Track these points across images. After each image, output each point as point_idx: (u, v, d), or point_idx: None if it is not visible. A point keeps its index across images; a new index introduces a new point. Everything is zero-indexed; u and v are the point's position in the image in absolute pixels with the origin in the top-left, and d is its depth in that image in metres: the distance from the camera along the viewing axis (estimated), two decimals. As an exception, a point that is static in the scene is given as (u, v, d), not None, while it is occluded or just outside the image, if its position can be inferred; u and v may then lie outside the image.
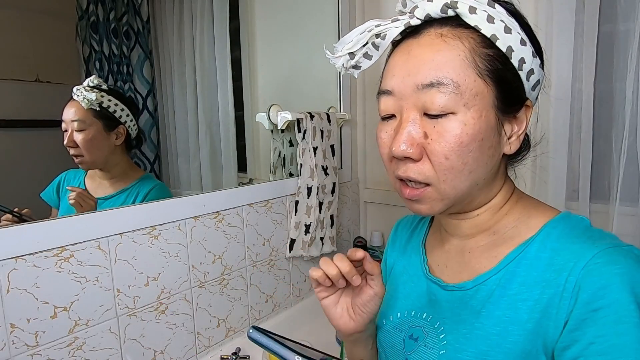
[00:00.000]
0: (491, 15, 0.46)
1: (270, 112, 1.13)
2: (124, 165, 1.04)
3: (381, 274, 0.54)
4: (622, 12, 0.89)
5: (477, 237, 0.55)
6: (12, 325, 0.64)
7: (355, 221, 1.46)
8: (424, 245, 0.65)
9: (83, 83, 0.96)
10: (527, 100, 0.50)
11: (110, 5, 1.10)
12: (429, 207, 0.50)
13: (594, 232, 0.48)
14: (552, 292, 0.44)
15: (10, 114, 0.97)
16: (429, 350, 0.53)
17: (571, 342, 0.42)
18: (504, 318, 0.47)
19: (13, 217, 0.80)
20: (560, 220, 0.50)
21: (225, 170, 1.37)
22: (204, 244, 0.92)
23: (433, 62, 0.46)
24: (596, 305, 0.41)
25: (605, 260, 0.42)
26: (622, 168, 0.89)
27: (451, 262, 0.57)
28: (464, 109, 0.46)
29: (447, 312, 0.53)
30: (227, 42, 1.33)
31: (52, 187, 0.97)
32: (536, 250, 0.48)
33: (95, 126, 0.96)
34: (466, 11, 0.46)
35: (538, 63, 0.49)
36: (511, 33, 0.46)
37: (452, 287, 0.54)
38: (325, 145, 1.16)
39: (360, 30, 0.51)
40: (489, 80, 0.46)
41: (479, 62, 0.46)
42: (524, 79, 0.48)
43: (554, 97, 0.96)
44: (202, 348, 0.94)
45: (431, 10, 0.48)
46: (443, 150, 0.46)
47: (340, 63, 0.53)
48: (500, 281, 0.49)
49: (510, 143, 0.51)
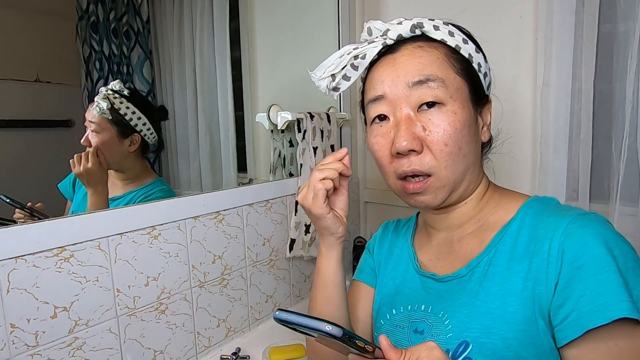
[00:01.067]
0: (451, 31, 0.57)
1: (270, 112, 1.13)
2: (137, 169, 1.05)
3: None
4: (622, 12, 0.89)
5: (464, 226, 0.61)
6: (12, 325, 0.64)
7: (355, 221, 1.46)
8: (412, 244, 0.69)
9: (108, 85, 0.97)
10: (487, 97, 0.60)
11: (110, 5, 1.10)
12: (432, 196, 0.56)
13: (564, 207, 0.56)
14: (539, 260, 0.50)
15: (10, 114, 0.97)
16: (436, 338, 0.55)
17: (564, 300, 0.47)
18: (501, 292, 0.52)
19: (25, 213, 0.80)
20: (533, 202, 0.58)
21: (225, 170, 1.37)
22: (204, 244, 0.92)
23: (419, 64, 0.54)
24: (579, 263, 0.47)
25: (578, 224, 0.50)
26: (622, 168, 0.89)
27: (442, 255, 0.62)
28: (451, 101, 0.54)
29: (447, 300, 0.57)
30: (227, 42, 1.33)
31: (69, 179, 0.98)
32: (517, 228, 0.55)
33: (109, 131, 0.97)
34: (431, 29, 0.56)
35: (488, 67, 0.61)
36: (468, 43, 0.57)
37: (447, 277, 0.58)
38: (325, 145, 1.16)
39: (340, 54, 0.58)
40: (464, 77, 0.56)
41: (454, 62, 0.56)
42: (482, 79, 0.58)
43: (554, 97, 0.96)
44: (202, 348, 0.94)
45: (402, 31, 0.57)
46: (442, 138, 0.53)
47: (325, 84, 0.60)
48: (491, 260, 0.55)
49: (483, 132, 0.60)
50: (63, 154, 0.94)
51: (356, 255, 1.35)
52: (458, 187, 0.57)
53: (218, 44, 1.33)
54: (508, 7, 1.05)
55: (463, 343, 0.52)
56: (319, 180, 0.61)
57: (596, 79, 0.93)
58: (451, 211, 0.61)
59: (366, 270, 0.75)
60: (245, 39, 1.45)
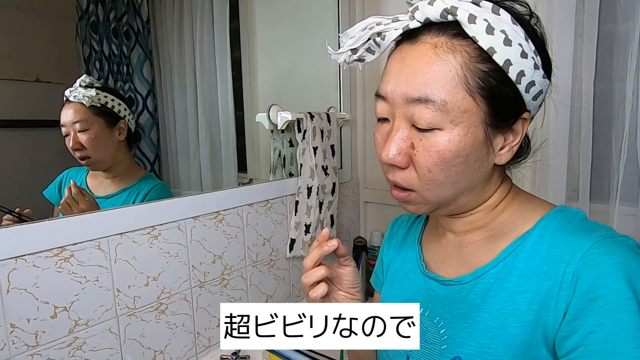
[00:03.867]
0: (491, 26, 0.44)
1: (270, 112, 1.13)
2: (127, 164, 1.04)
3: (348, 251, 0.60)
4: (622, 12, 0.89)
5: (473, 233, 0.56)
6: (12, 325, 0.64)
7: (355, 221, 1.46)
8: (419, 242, 0.65)
9: (75, 84, 0.95)
10: (524, 113, 0.49)
11: (110, 5, 1.10)
12: (415, 208, 0.53)
13: (590, 225, 0.49)
14: (550, 284, 0.45)
15: (10, 114, 0.97)
16: (430, 345, 0.53)
17: (571, 332, 0.42)
18: (503, 311, 0.48)
19: (13, 218, 0.80)
20: (556, 213, 0.51)
21: (225, 170, 1.37)
22: (204, 244, 0.92)
23: (424, 77, 0.46)
24: (594, 295, 0.41)
25: (601, 250, 0.43)
26: (622, 168, 0.89)
27: (448, 257, 0.58)
28: (450, 126, 0.46)
29: (445, 306, 0.54)
30: (227, 42, 1.33)
31: (54, 185, 0.97)
32: (533, 243, 0.49)
33: (97, 124, 0.96)
34: (465, 19, 0.45)
35: (541, 74, 0.48)
36: (511, 45, 0.45)
37: (449, 281, 0.55)
38: (325, 145, 1.16)
39: (362, 27, 0.51)
40: (479, 97, 0.46)
41: (470, 78, 0.45)
42: (522, 91, 0.47)
43: (554, 97, 0.96)
44: (202, 348, 0.94)
45: (431, 14, 0.46)
46: (426, 164, 0.48)
47: (342, 59, 0.54)
48: (498, 274, 0.50)
49: (500, 155, 0.50)
50: (63, 154, 0.94)
51: (356, 255, 1.35)
52: (448, 206, 0.53)
53: (218, 44, 1.33)
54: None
55: (456, 358, 0.50)
56: (308, 287, 0.57)
57: (596, 79, 0.94)
58: (456, 218, 0.57)
59: (377, 274, 0.74)
60: (245, 39, 1.45)
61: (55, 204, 0.95)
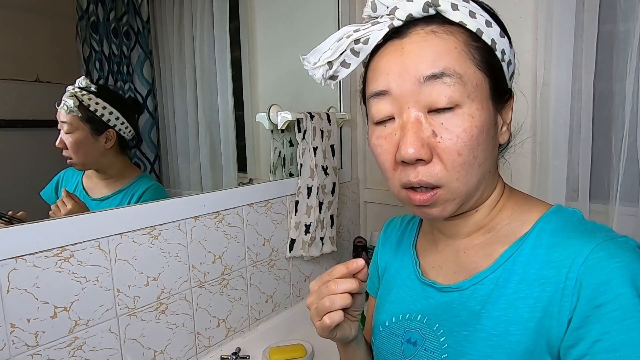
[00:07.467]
0: (472, 11, 0.46)
1: (270, 112, 1.13)
2: (119, 166, 1.03)
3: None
4: (622, 12, 0.89)
5: (472, 235, 0.55)
6: (12, 325, 0.64)
7: (355, 221, 1.46)
8: (414, 247, 0.64)
9: (75, 84, 0.95)
10: (510, 92, 0.51)
11: (110, 5, 1.10)
12: (440, 209, 0.49)
13: (588, 225, 0.48)
14: (552, 290, 0.44)
15: (10, 114, 0.97)
16: (430, 354, 0.52)
17: (577, 341, 0.41)
18: (504, 318, 0.46)
19: (3, 221, 0.78)
20: (553, 214, 0.50)
21: (225, 170, 1.37)
22: (204, 244, 0.92)
23: (433, 55, 0.45)
24: (599, 301, 0.40)
25: (603, 254, 0.42)
26: (622, 168, 0.89)
27: (446, 263, 0.57)
28: (468, 101, 0.45)
29: (444, 314, 0.52)
30: (227, 42, 1.33)
31: (51, 186, 0.97)
32: (532, 247, 0.48)
33: (81, 130, 0.95)
34: (449, 8, 0.46)
35: (513, 53, 0.51)
36: (492, 26, 0.47)
37: (448, 288, 0.53)
38: (325, 145, 1.16)
39: (338, 37, 0.49)
40: (484, 70, 0.47)
41: (475, 52, 0.46)
42: (505, 69, 0.49)
43: (554, 97, 0.96)
44: (202, 348, 0.94)
45: (413, 10, 0.46)
46: (456, 147, 0.45)
47: (320, 74, 0.51)
48: (497, 280, 0.48)
49: (502, 133, 0.51)
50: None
51: (356, 255, 1.35)
52: (470, 199, 0.50)
53: (218, 44, 1.33)
54: (508, 6, 1.05)
55: None
56: (326, 314, 0.52)
57: (596, 79, 0.94)
58: (461, 219, 0.55)
59: (372, 279, 0.72)
60: (245, 39, 1.45)
61: (51, 205, 0.95)
